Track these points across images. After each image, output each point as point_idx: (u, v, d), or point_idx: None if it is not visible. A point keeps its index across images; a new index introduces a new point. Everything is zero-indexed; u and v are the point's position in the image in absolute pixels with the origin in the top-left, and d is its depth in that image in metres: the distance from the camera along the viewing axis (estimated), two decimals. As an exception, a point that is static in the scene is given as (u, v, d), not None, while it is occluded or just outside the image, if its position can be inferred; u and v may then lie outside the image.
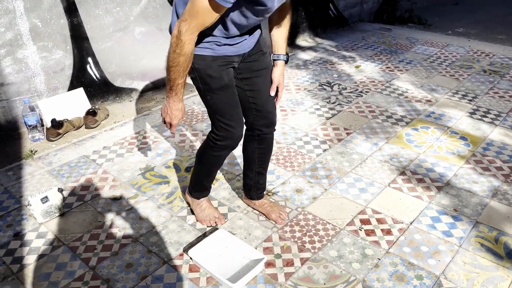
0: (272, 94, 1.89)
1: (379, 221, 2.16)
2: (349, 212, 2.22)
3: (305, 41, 4.93)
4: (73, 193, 2.38)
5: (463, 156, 2.70)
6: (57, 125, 2.90)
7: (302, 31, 4.91)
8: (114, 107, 3.39)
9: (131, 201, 2.32)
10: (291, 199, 2.32)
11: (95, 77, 3.29)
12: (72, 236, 2.07)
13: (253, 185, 2.13)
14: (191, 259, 1.91)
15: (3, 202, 2.32)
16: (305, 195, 2.35)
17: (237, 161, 2.64)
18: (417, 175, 2.52)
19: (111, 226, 2.14)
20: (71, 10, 2.99)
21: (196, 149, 2.79)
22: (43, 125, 2.98)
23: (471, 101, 3.44)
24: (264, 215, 2.18)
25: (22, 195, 2.37)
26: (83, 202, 2.31)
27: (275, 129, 1.98)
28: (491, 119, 3.14)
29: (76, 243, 2.03)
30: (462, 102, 3.42)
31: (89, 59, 3.21)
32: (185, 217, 2.19)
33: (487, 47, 4.68)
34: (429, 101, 3.45)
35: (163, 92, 3.66)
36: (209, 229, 2.11)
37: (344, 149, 2.78)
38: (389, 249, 1.98)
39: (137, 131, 3.03)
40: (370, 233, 2.08)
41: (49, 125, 2.93)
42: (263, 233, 2.08)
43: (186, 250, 1.97)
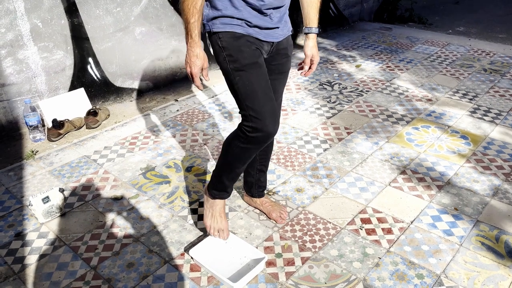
0: (306, 68, 1.90)
1: (380, 220, 2.16)
2: (349, 211, 2.22)
3: (306, 40, 4.92)
4: (74, 193, 2.39)
5: (464, 155, 2.70)
6: (58, 125, 2.90)
7: (302, 30, 4.90)
8: (115, 107, 3.40)
9: (132, 201, 2.32)
10: (292, 198, 2.32)
11: (95, 77, 3.29)
12: (73, 236, 2.08)
13: (254, 182, 2.13)
14: (192, 258, 1.91)
15: (4, 202, 2.33)
16: (305, 195, 2.35)
17: (237, 160, 2.64)
18: (418, 174, 2.52)
19: (112, 226, 2.14)
20: (71, 10, 2.99)
21: (196, 149, 2.80)
22: (44, 126, 2.99)
23: (471, 100, 3.44)
24: (264, 214, 2.18)
25: (23, 195, 2.38)
26: (84, 202, 2.32)
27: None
28: (492, 118, 3.14)
29: (77, 243, 2.03)
30: (462, 101, 3.42)
31: (90, 59, 3.21)
32: (186, 217, 2.19)
33: (487, 46, 4.68)
34: (430, 100, 3.45)
35: (163, 92, 3.66)
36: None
37: (344, 149, 2.78)
38: (390, 248, 1.98)
39: (138, 131, 3.03)
40: (370, 232, 2.08)
41: (50, 125, 2.94)
42: (264, 233, 2.08)
43: (187, 249, 1.97)
